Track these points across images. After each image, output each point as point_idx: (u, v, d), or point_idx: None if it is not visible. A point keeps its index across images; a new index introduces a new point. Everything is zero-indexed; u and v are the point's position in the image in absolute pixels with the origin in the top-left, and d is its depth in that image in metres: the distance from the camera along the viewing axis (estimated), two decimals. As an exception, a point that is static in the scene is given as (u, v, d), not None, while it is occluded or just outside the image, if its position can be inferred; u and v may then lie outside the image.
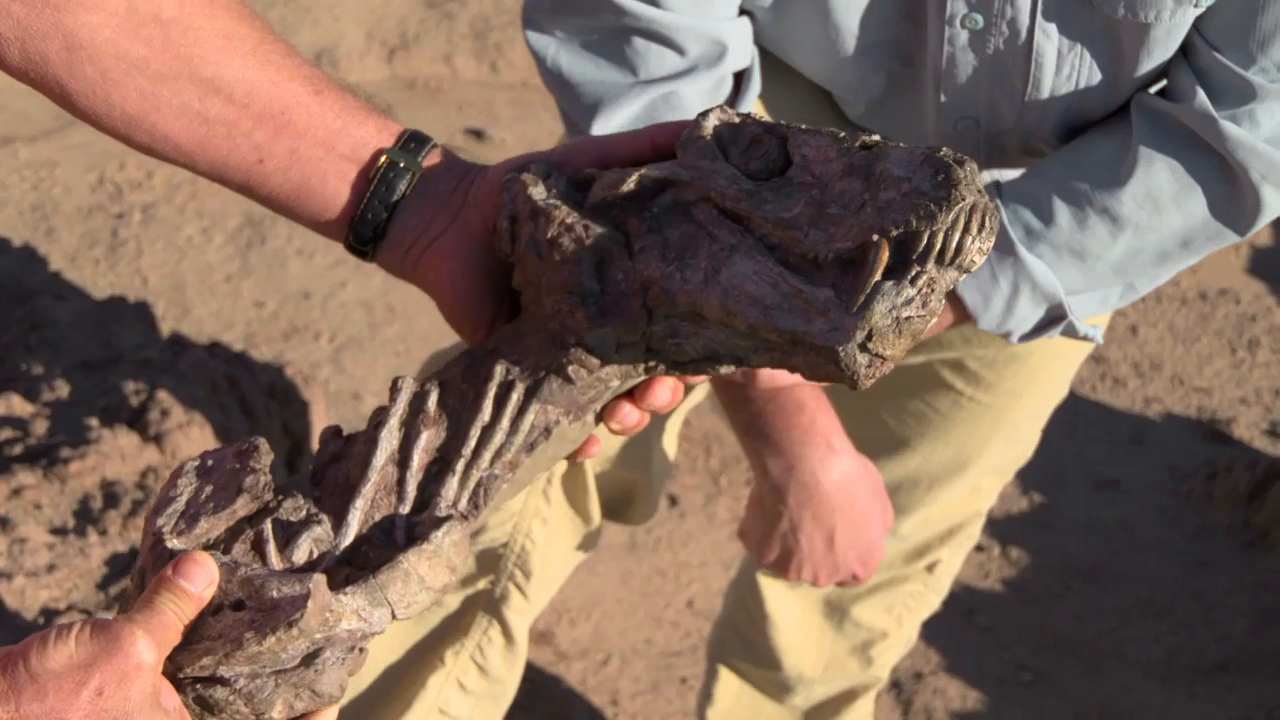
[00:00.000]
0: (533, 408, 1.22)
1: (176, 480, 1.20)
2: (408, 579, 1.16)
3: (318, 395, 3.72)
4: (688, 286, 1.19)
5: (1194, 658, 3.73)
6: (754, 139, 1.22)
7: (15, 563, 2.75)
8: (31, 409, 3.18)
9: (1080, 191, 1.77)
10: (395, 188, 1.27)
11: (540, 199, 1.23)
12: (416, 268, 1.29)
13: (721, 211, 1.20)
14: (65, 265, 4.45)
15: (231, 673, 1.11)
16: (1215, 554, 4.05)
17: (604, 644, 3.58)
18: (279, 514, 1.18)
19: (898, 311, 1.12)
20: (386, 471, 1.21)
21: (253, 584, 1.12)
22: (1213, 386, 4.67)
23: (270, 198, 1.29)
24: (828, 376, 1.17)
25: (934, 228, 1.11)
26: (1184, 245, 1.80)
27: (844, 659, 2.60)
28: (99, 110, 1.24)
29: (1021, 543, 4.04)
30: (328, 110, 1.27)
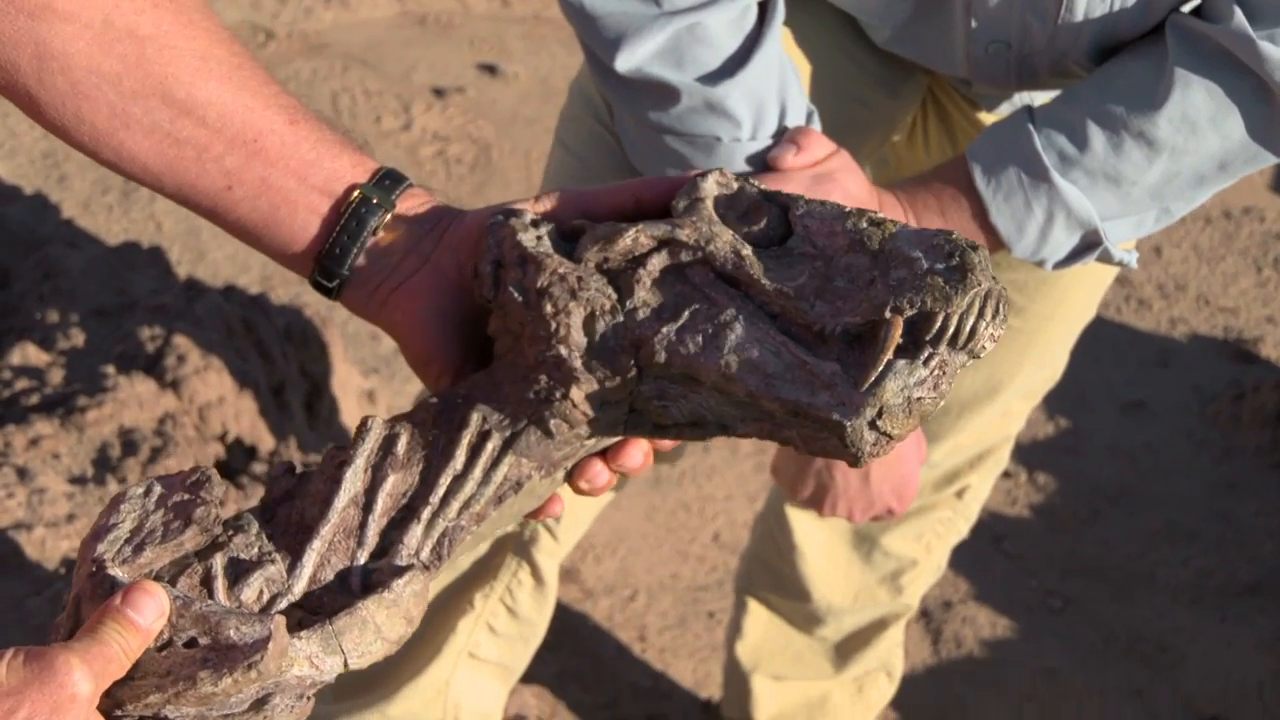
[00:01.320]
0: (507, 460, 1.19)
1: (119, 506, 1.14)
2: (364, 627, 1.12)
3: (335, 337, 3.69)
4: (684, 349, 1.16)
5: (1223, 580, 3.71)
6: (753, 206, 1.21)
7: (35, 513, 2.73)
8: (47, 358, 3.16)
9: (1115, 115, 1.73)
10: (366, 224, 1.23)
11: (530, 246, 1.19)
12: (383, 308, 1.25)
13: (719, 275, 1.18)
14: (78, 212, 4.42)
15: (178, 714, 1.06)
16: (1243, 475, 4.03)
17: (630, 580, 3.56)
18: (229, 550, 1.13)
19: (909, 391, 1.12)
20: (347, 514, 1.16)
21: (208, 621, 1.07)
22: (1238, 306, 4.64)
23: (237, 225, 1.25)
24: (825, 451, 1.16)
25: (949, 310, 1.11)
26: (1221, 168, 1.76)
27: (874, 588, 2.58)
28: (67, 123, 1.20)
29: (1048, 468, 4.02)
30: (302, 141, 1.23)
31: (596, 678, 3.27)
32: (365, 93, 5.13)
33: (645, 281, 1.18)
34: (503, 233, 1.21)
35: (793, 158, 1.64)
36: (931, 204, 1.78)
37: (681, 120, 1.69)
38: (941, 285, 1.11)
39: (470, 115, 5.13)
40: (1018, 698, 3.40)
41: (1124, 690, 3.43)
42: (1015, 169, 1.72)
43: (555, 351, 1.18)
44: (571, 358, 1.17)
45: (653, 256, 1.18)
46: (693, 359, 1.16)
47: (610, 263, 1.19)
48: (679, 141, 1.70)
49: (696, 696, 3.27)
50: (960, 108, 2.05)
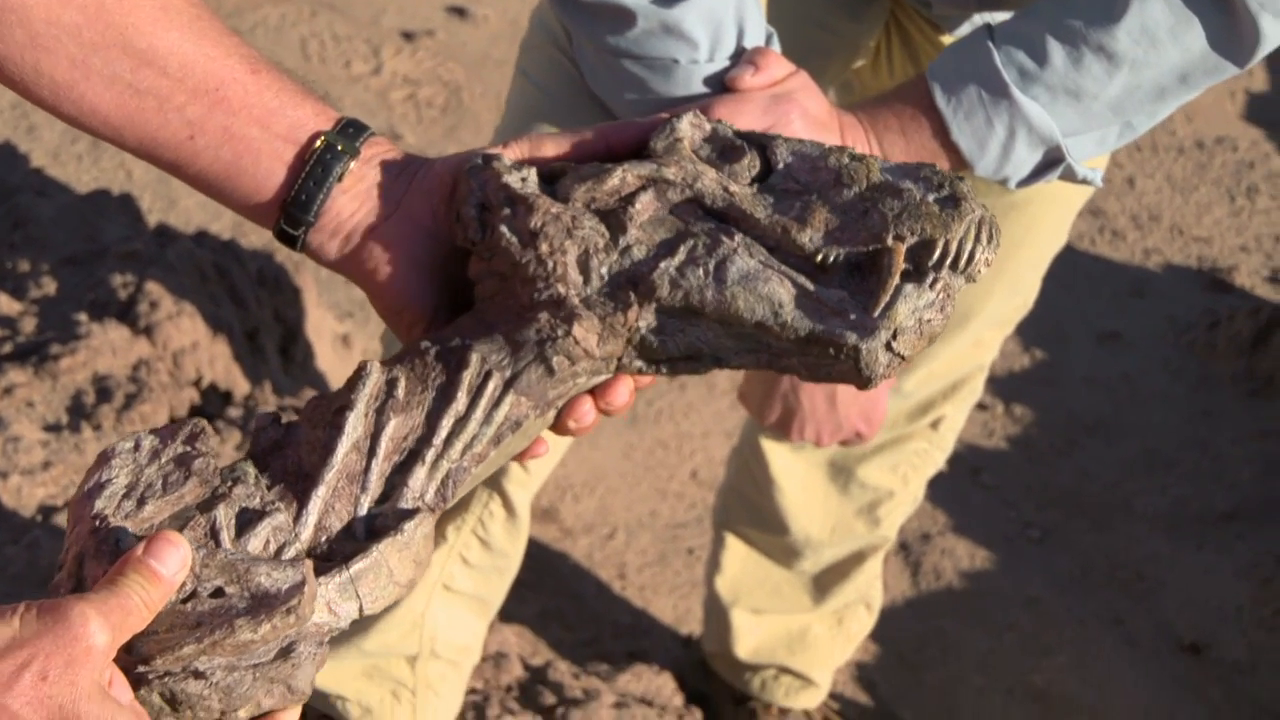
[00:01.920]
0: (508, 399, 1.19)
1: (109, 462, 1.12)
2: (379, 571, 1.13)
3: (309, 282, 3.69)
4: (686, 283, 1.18)
5: (1201, 508, 3.72)
6: (730, 146, 1.24)
7: (10, 461, 2.73)
8: (19, 307, 3.15)
9: (1074, 29, 1.73)
10: (332, 170, 1.23)
11: (518, 187, 1.20)
12: (353, 256, 1.25)
13: (709, 212, 1.21)
14: (47, 162, 4.40)
15: (209, 665, 1.05)
16: (1219, 403, 4.04)
17: (609, 518, 3.57)
18: (231, 501, 1.13)
19: (919, 314, 1.18)
20: (349, 459, 1.16)
21: (236, 569, 1.07)
22: (1212, 235, 4.64)
23: (200, 176, 1.24)
24: (830, 377, 1.21)
25: (948, 236, 1.17)
26: (1182, 80, 1.76)
27: (851, 520, 2.58)
28: (27, 78, 1.19)
29: (1025, 400, 4.03)
30: (265, 89, 1.23)
31: (577, 616, 3.28)
32: (334, 37, 5.11)
33: (637, 219, 1.20)
34: (486, 175, 1.21)
35: (750, 77, 1.63)
36: (893, 124, 1.77)
37: (638, 43, 1.68)
38: (938, 213, 1.18)
39: (440, 58, 5.11)
40: (998, 627, 3.41)
41: (1104, 619, 3.45)
42: (975, 86, 1.71)
43: (554, 290, 1.19)
44: (571, 296, 1.18)
45: (641, 195, 1.20)
46: (697, 292, 1.18)
47: (598, 202, 1.20)
48: (636, 65, 1.69)
49: (677, 632, 3.28)
50: (923, 30, 2.04)
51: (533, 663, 2.95)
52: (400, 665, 2.38)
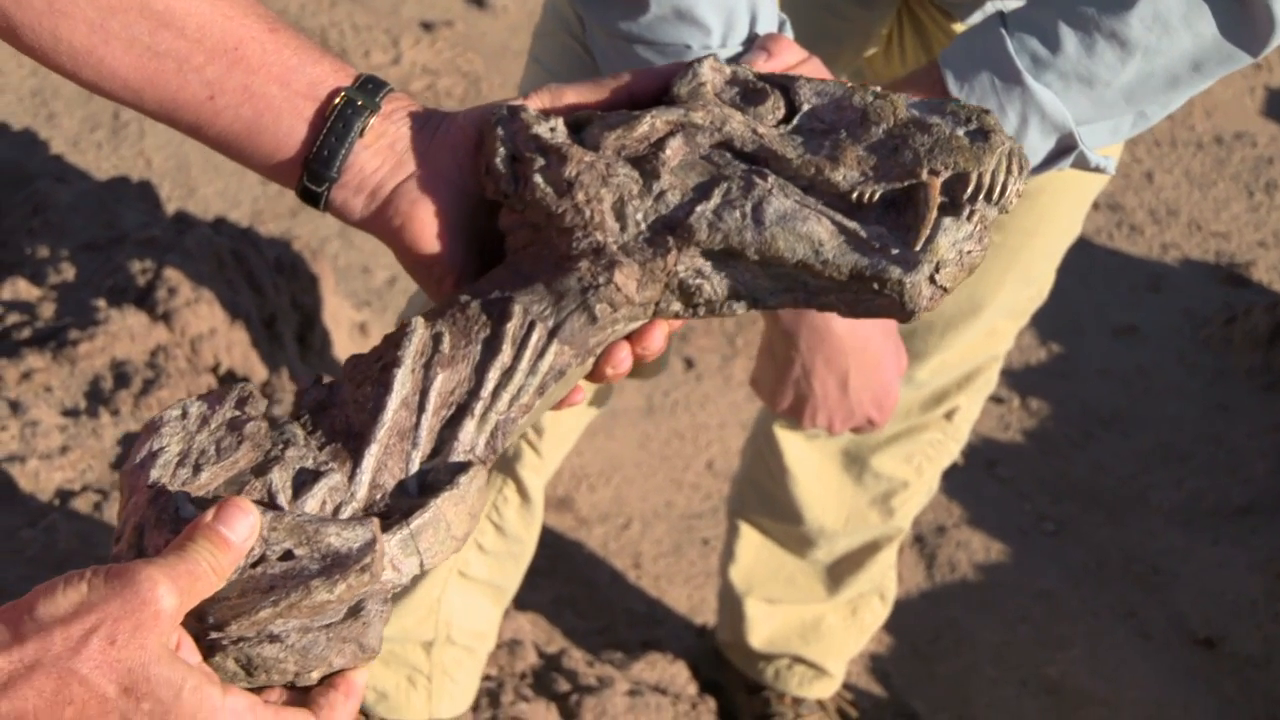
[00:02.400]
0: (552, 349, 1.20)
1: (159, 429, 1.12)
2: (438, 526, 1.13)
3: (326, 270, 3.69)
4: (725, 226, 1.19)
5: (1216, 502, 3.72)
6: (753, 89, 1.24)
7: (28, 445, 2.74)
8: (38, 292, 3.16)
9: (1087, 16, 1.73)
10: (353, 125, 1.22)
11: (548, 137, 1.21)
12: (379, 214, 1.25)
13: (738, 155, 1.22)
14: (67, 149, 4.41)
15: (283, 628, 1.06)
16: (1235, 398, 4.04)
17: (624, 508, 3.57)
18: (284, 463, 1.13)
19: (959, 246, 1.20)
20: (399, 416, 1.16)
21: (305, 531, 1.07)
22: (1230, 230, 4.63)
23: (221, 137, 1.24)
24: (870, 312, 1.22)
25: (981, 169, 1.19)
26: (1195, 68, 1.76)
27: (865, 510, 2.58)
28: (45, 44, 1.19)
29: (1041, 393, 4.03)
30: (283, 47, 1.22)
31: (592, 604, 3.28)
32: (354, 27, 5.12)
33: (668, 164, 1.20)
34: (515, 126, 1.22)
35: (763, 63, 1.63)
36: None
37: (651, 29, 1.68)
38: (969, 146, 1.20)
39: (459, 49, 5.11)
40: (1011, 619, 3.42)
41: (1117, 612, 3.45)
42: (988, 73, 1.71)
43: (592, 239, 1.19)
44: (610, 243, 1.19)
45: (670, 140, 1.21)
46: (736, 234, 1.19)
47: (628, 149, 1.21)
48: (649, 51, 1.70)
49: (691, 622, 3.29)
50: (935, 19, 2.04)
51: (547, 650, 2.96)
52: (416, 651, 2.39)
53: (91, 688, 0.96)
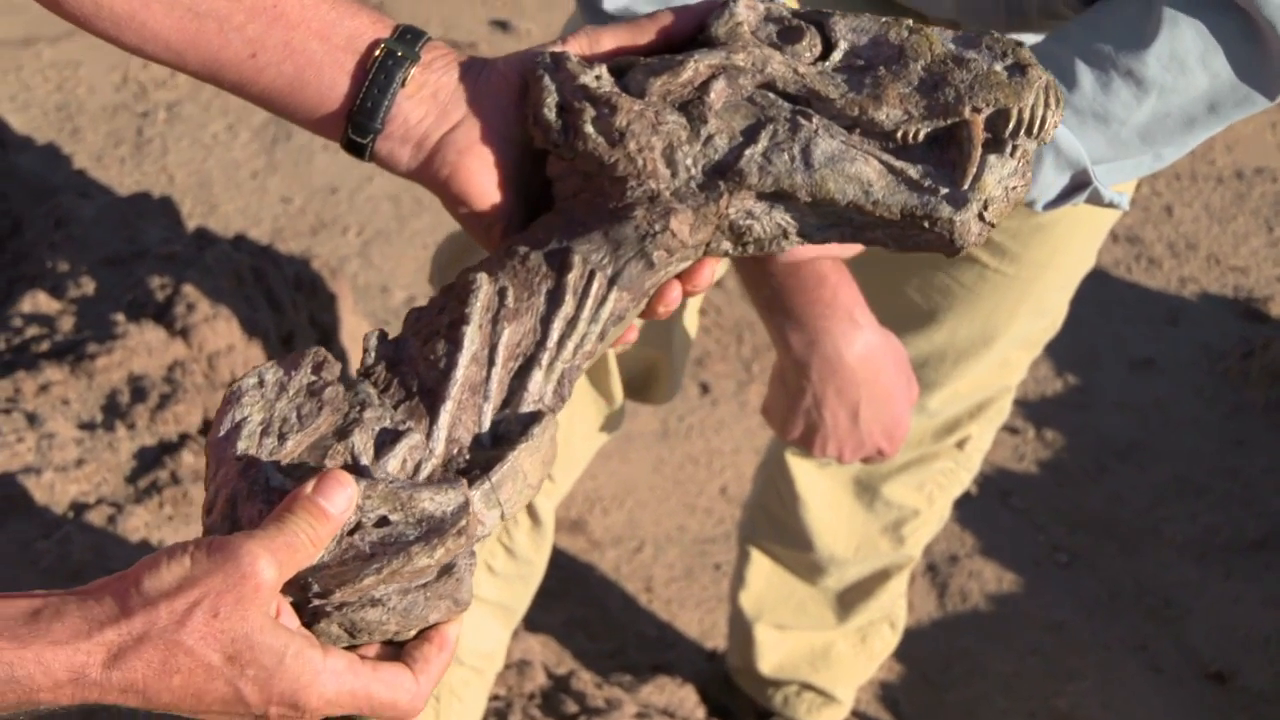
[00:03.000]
0: (612, 296, 1.22)
1: (239, 400, 1.15)
2: (516, 477, 1.15)
3: (345, 288, 3.71)
4: (774, 168, 1.20)
5: (1230, 536, 3.71)
6: (790, 27, 1.24)
7: (44, 457, 2.75)
8: (58, 306, 3.18)
9: (1103, 54, 1.74)
10: (394, 76, 1.23)
11: (595, 87, 1.22)
12: (426, 165, 1.26)
13: (782, 95, 1.23)
14: (90, 164, 4.43)
15: (385, 592, 1.09)
16: (1251, 432, 4.03)
17: (637, 532, 3.58)
18: (364, 424, 1.15)
19: (1005, 182, 1.22)
20: (470, 371, 1.18)
21: (399, 498, 1.10)
22: (1249, 265, 4.63)
23: (264, 94, 1.26)
24: (918, 246, 1.25)
25: (1021, 104, 1.20)
26: (1211, 109, 1.76)
27: (876, 538, 2.59)
28: (86, 11, 1.21)
29: (1056, 424, 4.03)
30: (321, 2, 1.24)
31: (603, 627, 3.29)
32: (379, 48, 5.13)
33: (714, 107, 1.21)
34: (561, 76, 1.23)
35: None
36: None
37: None
38: (1008, 81, 1.21)
39: (484, 70, 5.13)
40: (1023, 650, 3.41)
41: (1129, 644, 3.45)
42: None
43: (646, 187, 1.21)
44: (664, 190, 1.21)
45: (713, 84, 1.22)
46: (786, 177, 1.20)
47: (673, 95, 1.22)
48: None
49: (702, 646, 3.29)
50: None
51: (556, 671, 2.96)
52: (423, 670, 2.40)
53: (197, 657, 1.00)
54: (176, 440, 2.88)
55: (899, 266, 2.16)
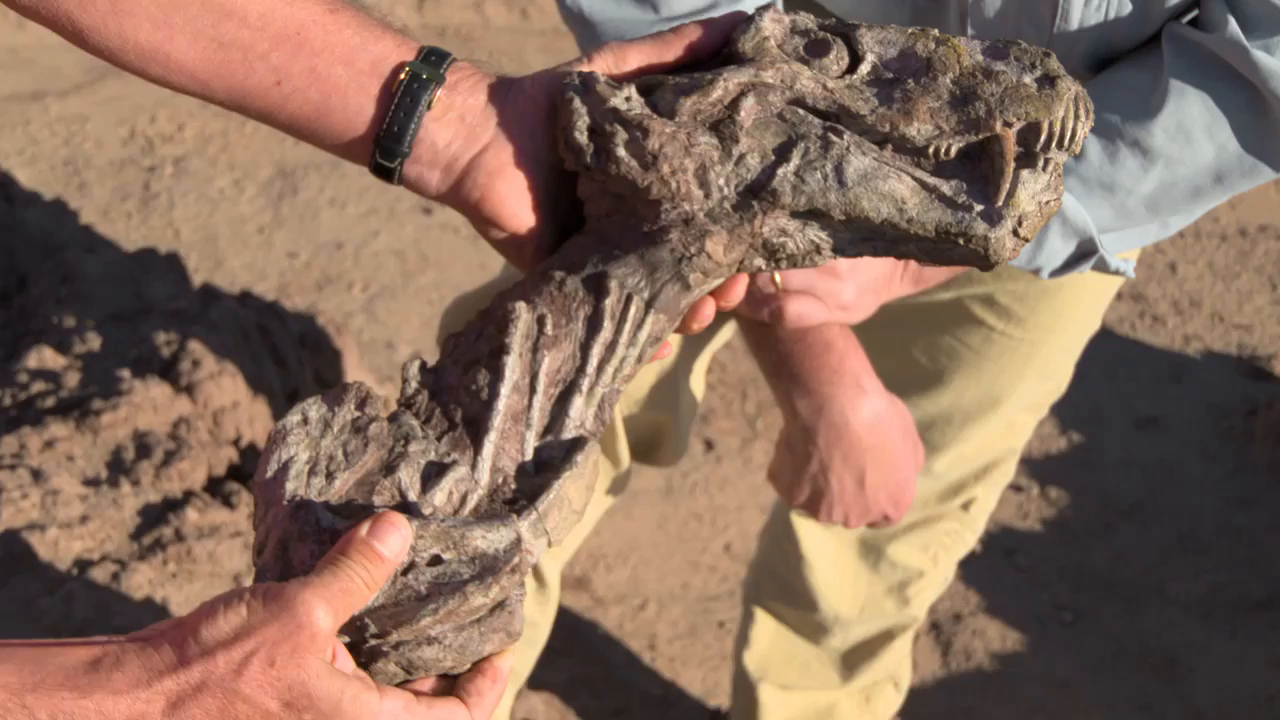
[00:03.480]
0: (649, 319, 1.22)
1: (284, 439, 1.15)
2: (561, 505, 1.16)
3: (350, 344, 3.71)
4: (808, 188, 1.19)
5: (1235, 595, 3.71)
6: (817, 40, 1.23)
7: (49, 514, 2.76)
8: (63, 361, 3.18)
9: (1110, 124, 1.74)
10: (420, 99, 1.23)
11: (625, 109, 1.21)
12: (457, 188, 1.26)
13: (813, 112, 1.21)
14: (97, 219, 4.45)
15: (441, 630, 1.09)
16: (1256, 491, 4.03)
17: (641, 589, 3.57)
18: (409, 458, 1.15)
19: (1038, 197, 1.21)
20: (512, 400, 1.18)
21: (450, 536, 1.10)
22: (1253, 323, 4.64)
23: (291, 121, 1.26)
24: (950, 261, 1.23)
25: (1052, 118, 1.19)
26: (1217, 180, 1.77)
27: (880, 599, 2.58)
28: (112, 44, 1.21)
29: (1060, 482, 4.02)
30: (344, 27, 1.23)
31: (606, 685, 3.28)
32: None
33: (744, 126, 1.20)
34: (592, 98, 1.22)
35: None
36: None
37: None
38: (1038, 94, 1.20)
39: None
40: (1027, 709, 3.40)
41: (1134, 703, 3.43)
42: None
43: (681, 209, 1.20)
44: (698, 213, 1.20)
45: (743, 101, 1.21)
46: (820, 195, 1.19)
47: (704, 114, 1.21)
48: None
49: (705, 705, 3.28)
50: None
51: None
52: (427, 730, 2.39)
53: (255, 705, 1.02)
54: (181, 497, 2.88)
55: (905, 328, 2.16)
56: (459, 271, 4.50)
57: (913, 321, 2.14)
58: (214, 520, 2.82)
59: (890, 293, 1.89)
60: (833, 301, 1.84)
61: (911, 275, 1.88)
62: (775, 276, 1.81)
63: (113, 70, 5.02)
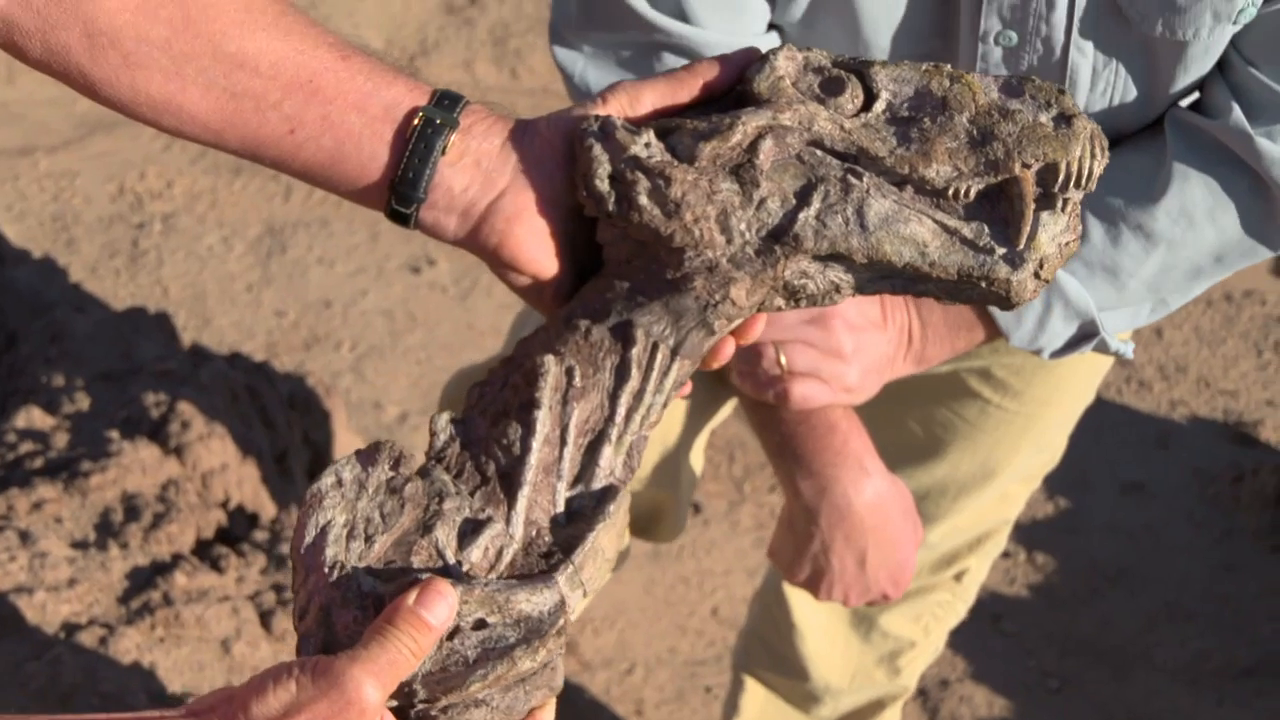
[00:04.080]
0: (675, 365, 1.22)
1: (320, 503, 1.15)
2: (596, 556, 1.16)
3: (338, 405, 3.71)
4: (830, 232, 1.19)
5: (1222, 662, 3.71)
6: (831, 78, 1.22)
7: (36, 577, 2.74)
8: (52, 421, 3.17)
9: (1114, 208, 1.76)
10: (434, 144, 1.22)
11: (646, 156, 1.20)
12: (475, 234, 1.25)
13: (831, 153, 1.21)
14: (85, 276, 4.45)
15: (488, 693, 1.10)
16: (1242, 557, 4.03)
17: (628, 653, 3.57)
18: (445, 517, 1.16)
19: (1058, 239, 1.21)
20: (543, 453, 1.18)
21: (495, 601, 1.10)
22: (1239, 389, 4.65)
23: (305, 169, 1.25)
24: (970, 299, 1.24)
25: (1069, 158, 1.18)
26: (1217, 261, 1.79)
27: (871, 669, 2.58)
28: (124, 97, 1.21)
29: (1047, 548, 4.03)
30: (356, 74, 1.23)
31: (593, 751, 3.27)
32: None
33: (764, 169, 1.19)
34: (611, 145, 1.21)
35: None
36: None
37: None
38: (1055, 135, 1.19)
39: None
40: (1014, 777, 3.40)
41: (1120, 772, 3.43)
42: None
43: (704, 256, 1.20)
44: (722, 260, 1.20)
45: (761, 144, 1.20)
46: (843, 240, 1.19)
47: (723, 158, 1.20)
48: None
49: (693, 771, 3.27)
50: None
51: (547, 798, 2.94)
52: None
53: None
54: (169, 560, 2.87)
55: (902, 401, 2.16)
56: (447, 331, 4.50)
57: (909, 394, 2.15)
58: (202, 584, 2.81)
59: (893, 373, 1.90)
60: (837, 384, 1.85)
61: (914, 356, 1.89)
62: (780, 358, 1.82)
63: (102, 126, 5.03)
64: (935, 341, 1.87)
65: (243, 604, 2.80)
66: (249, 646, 2.74)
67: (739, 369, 1.87)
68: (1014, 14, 1.71)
